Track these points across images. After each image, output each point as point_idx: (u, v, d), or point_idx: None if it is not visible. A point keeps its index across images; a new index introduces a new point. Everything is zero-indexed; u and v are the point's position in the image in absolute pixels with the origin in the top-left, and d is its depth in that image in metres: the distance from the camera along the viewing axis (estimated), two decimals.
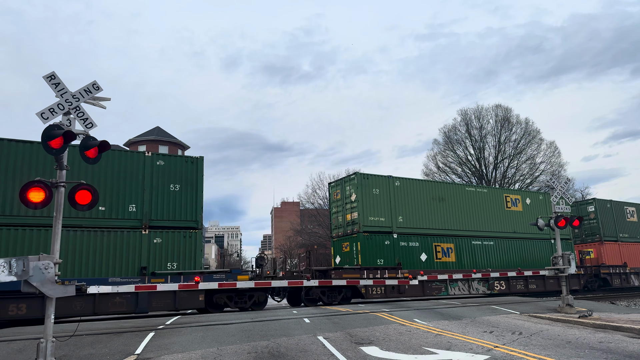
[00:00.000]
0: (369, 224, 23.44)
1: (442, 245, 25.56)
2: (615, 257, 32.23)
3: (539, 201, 30.23)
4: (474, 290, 25.09)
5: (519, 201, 29.26)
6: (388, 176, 25.07)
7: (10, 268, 7.37)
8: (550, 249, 28.06)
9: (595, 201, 33.33)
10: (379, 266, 22.83)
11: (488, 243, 27.15)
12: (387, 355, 9.13)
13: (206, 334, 11.86)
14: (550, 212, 27.10)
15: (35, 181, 8.09)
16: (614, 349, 9.58)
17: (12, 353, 9.91)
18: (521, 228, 28.49)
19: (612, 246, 32.46)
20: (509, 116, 55.91)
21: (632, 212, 34.95)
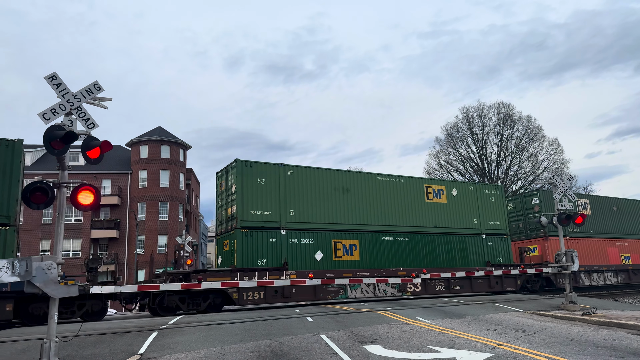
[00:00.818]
0: (251, 219, 20.42)
1: (343, 241, 22.42)
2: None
3: (468, 192, 26.94)
4: (381, 292, 22.19)
5: (442, 192, 26.02)
6: (279, 164, 21.95)
7: (13, 268, 7.38)
8: (482, 245, 26.22)
9: (540, 193, 30.46)
10: (258, 267, 19.78)
11: (402, 239, 23.99)
12: (391, 353, 9.13)
13: (209, 333, 11.87)
14: (482, 204, 26.75)
15: (37, 182, 8.10)
16: (617, 346, 9.55)
17: (16, 353, 9.94)
18: (445, 222, 25.61)
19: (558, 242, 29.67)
20: (511, 113, 55.77)
21: (585, 204, 31.80)
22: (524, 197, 31.28)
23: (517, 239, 30.53)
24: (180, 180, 54.74)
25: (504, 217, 27.85)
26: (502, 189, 28.87)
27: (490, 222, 27.12)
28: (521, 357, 8.52)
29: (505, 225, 27.81)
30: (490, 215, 27.28)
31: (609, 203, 33.11)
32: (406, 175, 25.70)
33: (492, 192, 28.08)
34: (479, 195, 27.26)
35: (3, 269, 7.31)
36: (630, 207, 34.27)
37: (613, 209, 32.50)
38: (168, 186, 52.65)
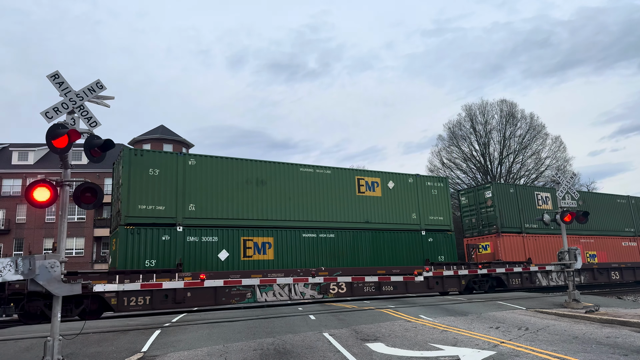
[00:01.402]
0: (138, 214, 18.24)
1: (255, 239, 20.16)
2: (518, 252, 27.08)
3: (407, 185, 24.82)
4: (298, 294, 19.57)
5: (377, 185, 23.77)
6: (177, 153, 20.08)
7: (16, 267, 7.41)
8: (422, 242, 24.28)
9: (494, 185, 27.97)
10: (144, 269, 17.62)
11: (326, 236, 21.84)
12: (393, 351, 9.13)
13: (212, 331, 11.90)
14: (424, 197, 24.88)
15: (41, 180, 8.12)
16: (621, 344, 9.52)
17: (20, 351, 9.98)
18: (378, 217, 23.47)
19: (513, 239, 27.11)
20: (514, 111, 55.65)
21: (546, 198, 29.57)
22: (477, 191, 28.90)
23: (470, 235, 28.64)
24: None
25: (447, 212, 25.77)
26: (447, 182, 26.94)
27: (432, 217, 25.05)
28: (524, 355, 8.51)
29: (449, 221, 25.67)
30: (432, 209, 25.20)
31: None
32: (334, 167, 23.70)
33: (435, 184, 25.89)
34: (419, 188, 25.23)
35: (6, 268, 7.34)
36: (597, 202, 32.22)
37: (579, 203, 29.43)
38: None
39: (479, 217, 28.14)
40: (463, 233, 29.73)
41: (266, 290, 19.13)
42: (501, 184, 29.39)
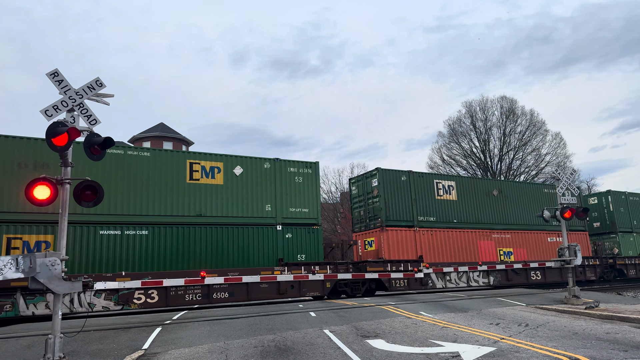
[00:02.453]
0: None
1: (26, 237, 16.04)
2: (407, 249, 23.15)
3: (261, 171, 20.78)
4: (84, 306, 16.04)
5: (219, 171, 19.88)
6: None
7: (17, 265, 7.42)
8: (276, 239, 20.37)
9: (380, 172, 23.75)
10: None
11: (136, 233, 17.85)
12: (393, 348, 9.15)
13: (213, 328, 11.93)
14: (283, 186, 21.04)
15: (41, 178, 8.12)
16: (621, 339, 9.55)
17: (21, 349, 10.01)
18: (217, 209, 19.43)
19: (401, 234, 23.23)
20: (514, 107, 55.61)
21: (449, 187, 25.64)
22: (365, 179, 24.88)
23: (358, 229, 25.14)
24: None
25: (314, 203, 21.76)
26: (317, 168, 22.40)
27: (294, 209, 21.20)
28: (524, 351, 8.53)
29: (316, 213, 21.74)
30: (294, 200, 21.31)
31: (484, 186, 27.11)
32: (157, 149, 20.23)
33: (300, 171, 21.83)
34: (279, 175, 21.22)
35: (7, 266, 7.35)
36: (517, 191, 28.58)
37: (493, 194, 26.72)
38: None
39: (367, 209, 24.43)
40: (352, 227, 26.44)
41: (33, 301, 15.58)
42: (390, 170, 24.22)
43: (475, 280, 24.69)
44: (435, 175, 26.78)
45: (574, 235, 28.81)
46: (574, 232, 29.03)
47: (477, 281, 24.73)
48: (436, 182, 25.52)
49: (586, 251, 29.31)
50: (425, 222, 24.33)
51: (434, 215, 24.64)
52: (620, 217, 32.91)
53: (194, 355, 9.01)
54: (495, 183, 28.50)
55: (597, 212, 33.62)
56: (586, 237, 30.33)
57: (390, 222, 23.14)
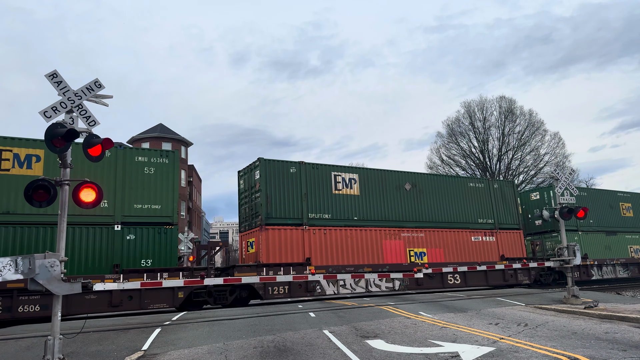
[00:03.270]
0: None
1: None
2: (293, 250, 20.35)
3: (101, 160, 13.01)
4: None
5: (37, 159, 16.69)
6: None
7: (16, 266, 7.42)
8: (113, 240, 17.33)
9: (263, 163, 20.87)
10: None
11: None
12: (393, 348, 9.16)
13: (212, 329, 11.93)
14: (128, 178, 17.97)
15: (39, 180, 8.12)
16: (620, 339, 9.56)
17: (21, 350, 10.00)
18: (26, 206, 15.41)
19: (285, 233, 20.37)
20: (513, 108, 55.66)
21: (350, 181, 22.73)
22: (250, 172, 21.97)
23: (243, 229, 22.49)
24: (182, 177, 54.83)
25: (170, 199, 18.77)
26: (176, 157, 19.52)
27: (140, 205, 18.06)
28: (523, 351, 8.54)
29: (172, 211, 18.72)
30: (141, 195, 18.26)
31: (395, 179, 24.07)
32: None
33: (152, 160, 18.77)
34: (120, 164, 18.11)
35: (6, 267, 7.35)
36: (438, 186, 25.42)
37: (405, 188, 23.97)
38: None
39: (251, 206, 21.66)
40: (239, 227, 23.37)
41: None
42: (276, 160, 21.51)
43: (376, 284, 21.55)
44: (334, 167, 22.94)
45: (504, 234, 26.58)
46: (505, 231, 26.69)
47: (378, 286, 21.62)
48: (334, 175, 22.43)
49: (519, 251, 26.94)
50: (318, 220, 21.34)
51: (330, 211, 21.74)
52: None
53: (194, 356, 9.01)
54: (408, 176, 24.82)
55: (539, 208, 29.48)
56: (520, 236, 27.45)
57: (272, 220, 20.26)
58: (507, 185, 28.36)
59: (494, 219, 26.62)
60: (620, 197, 33.67)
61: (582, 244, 29.25)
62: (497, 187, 27.57)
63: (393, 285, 22.05)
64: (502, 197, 27.39)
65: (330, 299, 20.56)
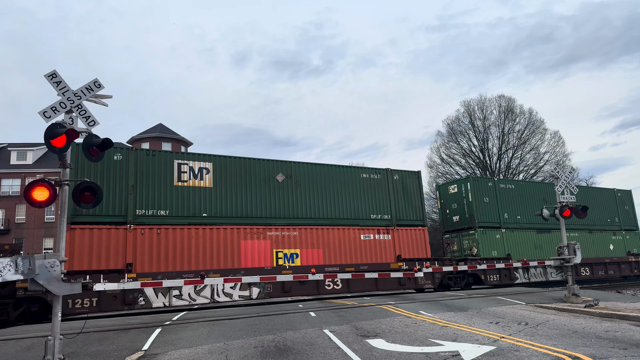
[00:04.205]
0: None
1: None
2: (111, 254, 16.99)
3: None
4: None
5: None
6: None
7: (16, 266, 7.41)
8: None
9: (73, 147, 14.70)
10: None
11: None
12: (393, 347, 9.15)
13: (213, 329, 11.92)
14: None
15: (39, 180, 8.11)
16: (620, 337, 9.56)
17: (21, 351, 10.00)
18: None
19: (100, 234, 17.02)
20: (513, 106, 55.65)
21: (201, 170, 19.32)
22: None
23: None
24: None
25: None
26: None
27: None
28: (524, 350, 8.54)
29: None
30: None
31: (263, 169, 20.63)
32: None
33: None
34: None
35: (6, 267, 7.34)
36: (320, 177, 21.97)
37: (277, 179, 20.73)
38: None
39: None
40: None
41: None
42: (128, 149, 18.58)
43: (225, 293, 18.22)
44: (178, 155, 19.60)
45: (404, 232, 23.31)
46: (405, 229, 23.45)
47: (229, 295, 18.29)
48: (178, 164, 18.95)
49: (422, 251, 23.59)
50: (151, 218, 17.92)
51: (169, 207, 18.29)
52: (483, 209, 26.35)
53: (194, 356, 9.00)
54: (282, 165, 21.30)
55: (457, 203, 27.30)
56: (424, 233, 24.07)
57: (79, 218, 16.74)
58: (410, 177, 24.61)
59: (392, 214, 23.18)
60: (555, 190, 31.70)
61: (506, 243, 26.51)
62: (398, 179, 24.04)
63: (250, 293, 18.66)
64: (403, 190, 24.02)
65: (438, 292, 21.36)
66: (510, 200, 27.75)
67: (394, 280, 21.93)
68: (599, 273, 29.64)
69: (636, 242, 33.35)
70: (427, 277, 22.76)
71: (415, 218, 24.01)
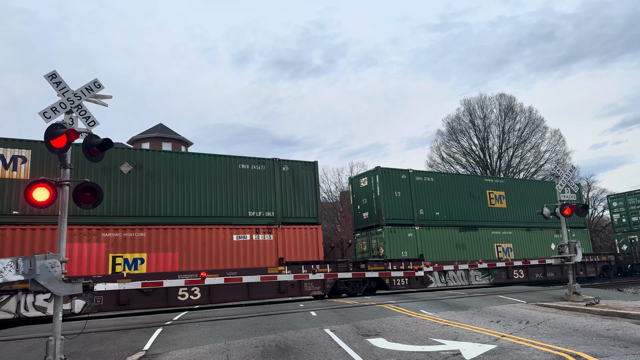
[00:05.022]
0: None
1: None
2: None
3: None
4: None
5: None
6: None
7: (17, 267, 7.41)
8: None
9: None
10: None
11: None
12: (394, 346, 9.15)
13: (214, 328, 11.93)
14: None
15: (40, 180, 8.11)
16: (621, 336, 9.55)
17: (22, 351, 10.01)
18: None
19: None
20: (513, 105, 55.66)
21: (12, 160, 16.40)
22: None
23: None
24: None
25: None
26: None
27: None
28: (525, 348, 8.53)
29: None
30: None
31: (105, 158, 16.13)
32: None
33: None
34: None
35: (7, 268, 7.35)
36: (183, 168, 19.12)
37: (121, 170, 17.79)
38: None
39: None
40: None
41: None
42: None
43: (37, 307, 15.33)
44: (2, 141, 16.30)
45: (291, 231, 20.45)
46: (293, 227, 20.64)
47: (42, 308, 15.39)
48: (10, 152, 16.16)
49: (313, 252, 20.71)
50: None
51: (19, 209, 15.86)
52: (393, 204, 23.63)
53: (195, 355, 9.01)
54: (128, 154, 18.48)
55: (367, 198, 24.65)
56: (317, 232, 21.04)
57: None
58: (304, 168, 21.57)
59: (277, 211, 20.40)
60: (488, 183, 27.65)
61: (420, 242, 23.75)
62: (288, 170, 21.10)
63: (71, 307, 15.71)
64: (294, 183, 21.13)
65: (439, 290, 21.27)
66: (429, 194, 25.01)
67: (271, 286, 19.05)
68: (536, 276, 26.70)
69: (585, 242, 30.60)
70: (317, 282, 19.98)
71: (307, 215, 21.11)
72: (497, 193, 27.68)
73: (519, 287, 23.32)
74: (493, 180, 28.28)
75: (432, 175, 26.19)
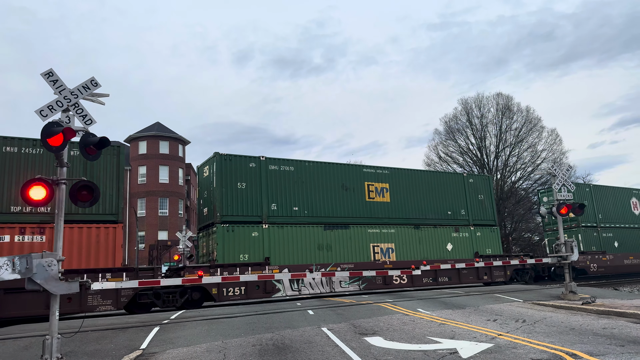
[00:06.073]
0: None
1: None
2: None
3: None
4: None
5: None
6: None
7: (13, 266, 7.39)
8: None
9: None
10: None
11: None
12: (391, 345, 9.17)
13: (211, 327, 11.92)
14: None
15: (37, 178, 8.08)
16: (617, 334, 9.59)
17: (19, 350, 9.98)
18: None
19: None
20: (510, 104, 55.73)
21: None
22: None
23: None
24: (180, 176, 54.77)
25: None
26: None
27: None
28: (521, 347, 8.56)
29: None
30: None
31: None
32: None
33: None
34: None
35: (4, 267, 7.32)
36: None
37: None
38: (167, 182, 52.67)
39: None
40: None
41: None
42: None
43: None
44: None
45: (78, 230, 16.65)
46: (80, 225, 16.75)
47: None
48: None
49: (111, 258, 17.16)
50: None
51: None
52: (234, 198, 20.02)
53: (192, 354, 9.00)
54: None
55: (207, 191, 21.62)
56: (115, 232, 17.38)
57: None
58: (106, 153, 17.14)
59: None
60: (367, 174, 23.64)
61: (268, 243, 20.10)
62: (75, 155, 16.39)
63: None
64: (85, 171, 16.95)
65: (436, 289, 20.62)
66: (286, 186, 21.24)
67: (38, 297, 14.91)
68: (424, 281, 22.59)
69: (492, 241, 26.44)
70: (109, 294, 16.40)
71: (104, 212, 17.33)
72: (378, 185, 23.69)
73: (516, 285, 23.38)
74: (375, 170, 24.01)
75: (293, 163, 21.87)
